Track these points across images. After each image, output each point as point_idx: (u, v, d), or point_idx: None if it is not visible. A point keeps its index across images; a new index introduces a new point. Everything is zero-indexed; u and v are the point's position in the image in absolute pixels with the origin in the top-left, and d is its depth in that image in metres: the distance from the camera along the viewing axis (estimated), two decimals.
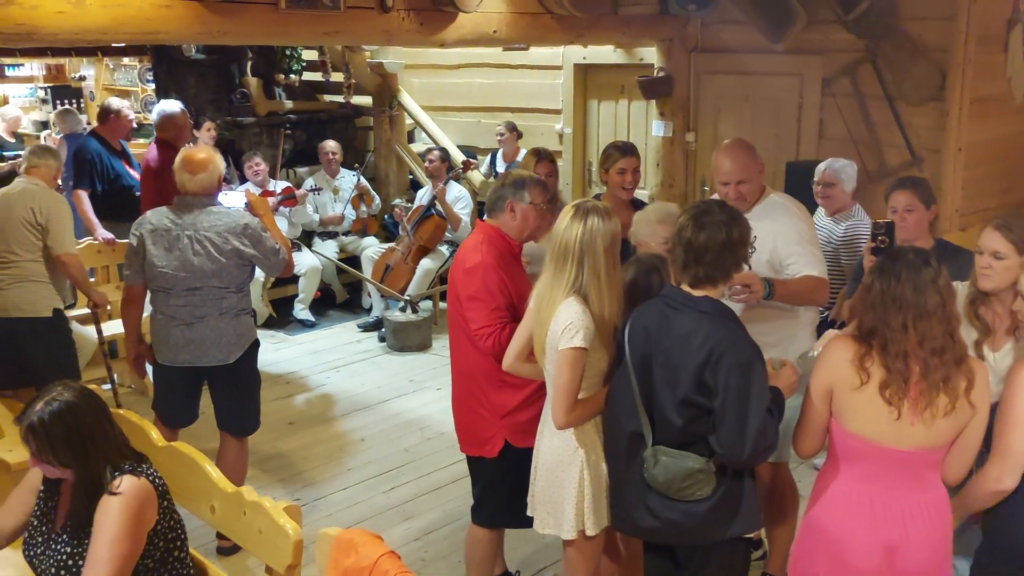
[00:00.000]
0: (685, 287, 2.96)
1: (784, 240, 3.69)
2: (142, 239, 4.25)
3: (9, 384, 4.94)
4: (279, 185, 7.96)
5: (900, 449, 2.71)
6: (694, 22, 7.10)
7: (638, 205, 4.67)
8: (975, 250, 3.27)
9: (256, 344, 4.51)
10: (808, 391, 2.88)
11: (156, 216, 4.29)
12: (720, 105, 7.32)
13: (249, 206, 4.58)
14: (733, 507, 2.95)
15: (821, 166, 5.32)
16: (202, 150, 4.43)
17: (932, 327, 2.64)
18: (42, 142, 8.74)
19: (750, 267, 3.64)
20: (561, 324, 3.11)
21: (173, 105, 6.44)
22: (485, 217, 3.78)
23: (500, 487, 3.72)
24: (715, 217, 2.91)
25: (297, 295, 8.06)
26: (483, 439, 3.70)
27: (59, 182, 5.25)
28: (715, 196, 3.81)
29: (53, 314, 4.91)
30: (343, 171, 8.54)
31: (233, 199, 5.70)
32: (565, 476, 3.22)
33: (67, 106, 10.83)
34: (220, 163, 4.41)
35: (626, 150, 4.69)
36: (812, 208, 4.80)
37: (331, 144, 8.45)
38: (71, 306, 5.42)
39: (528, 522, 3.83)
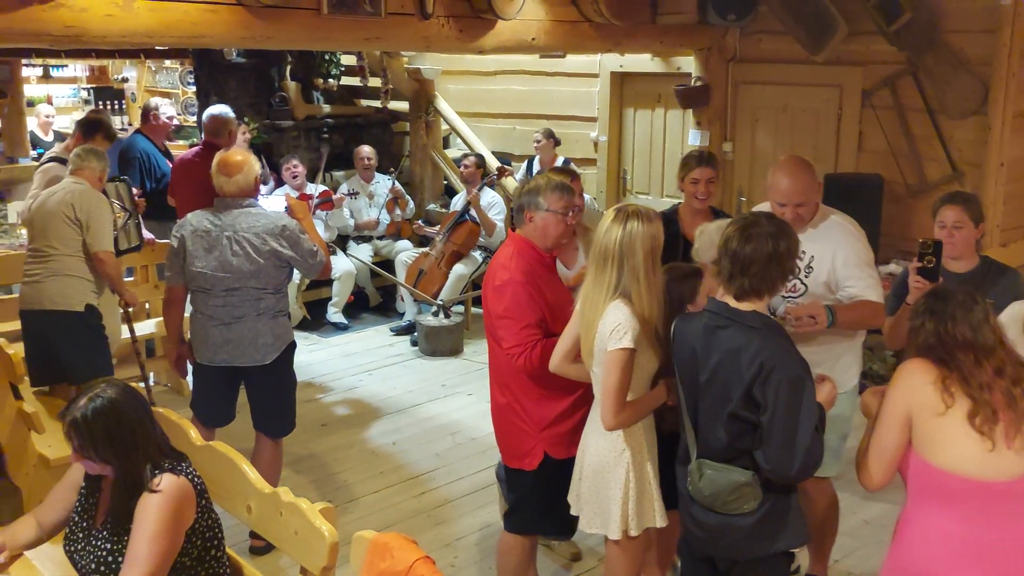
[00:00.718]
0: (730, 300, 2.93)
1: (844, 262, 3.64)
2: (183, 240, 4.31)
3: (46, 379, 4.99)
4: (317, 188, 8.02)
5: (999, 481, 2.57)
6: (733, 32, 7.08)
7: (719, 214, 4.56)
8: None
9: (293, 346, 4.55)
10: (881, 417, 2.74)
11: (197, 218, 4.35)
12: (758, 115, 7.30)
13: (289, 210, 4.63)
14: (779, 521, 2.94)
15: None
16: (237, 152, 4.47)
17: (1000, 359, 2.61)
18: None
19: (804, 284, 3.67)
20: (609, 326, 3.12)
21: (225, 109, 6.47)
22: (514, 228, 3.76)
23: (537, 497, 3.70)
24: (762, 229, 2.88)
25: (331, 298, 8.12)
26: (523, 452, 3.66)
27: (103, 183, 5.28)
28: (764, 207, 3.77)
29: (85, 309, 4.93)
30: (378, 176, 8.59)
31: (273, 203, 5.75)
32: (611, 477, 3.24)
33: (98, 108, 10.92)
34: (255, 165, 4.45)
35: (702, 160, 4.55)
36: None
37: (366, 149, 8.51)
38: None
39: (561, 531, 3.85)
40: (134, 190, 5.97)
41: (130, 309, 5.66)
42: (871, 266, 3.74)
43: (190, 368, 4.63)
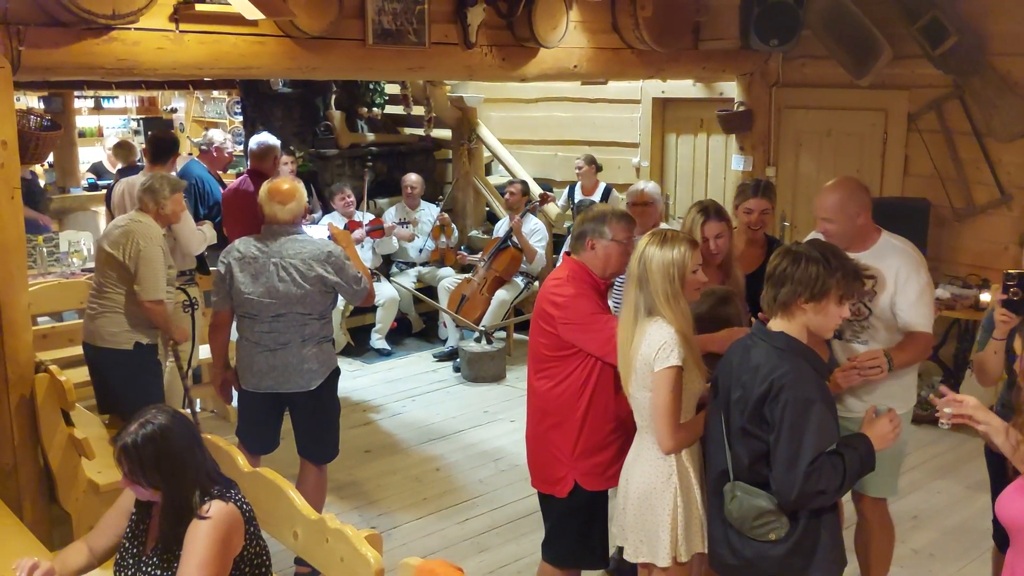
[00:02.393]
0: (771, 322, 2.97)
1: (903, 292, 3.62)
2: (230, 267, 4.36)
3: (103, 409, 5.06)
4: (366, 216, 8.11)
5: None
6: (775, 57, 7.07)
7: (774, 243, 4.49)
8: None
9: (337, 372, 4.57)
10: None
11: (244, 244, 4.40)
12: (801, 140, 7.26)
13: (332, 238, 4.68)
14: (808, 554, 2.91)
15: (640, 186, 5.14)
16: (286, 181, 4.51)
17: None
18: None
19: (868, 308, 3.65)
20: (655, 345, 3.11)
21: (270, 137, 6.56)
22: (568, 252, 3.75)
23: (569, 527, 3.69)
24: (802, 251, 2.92)
25: (375, 324, 8.17)
26: (555, 478, 3.65)
27: (177, 214, 5.20)
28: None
29: (134, 348, 4.90)
30: (423, 203, 8.66)
31: (317, 231, 5.81)
32: (659, 503, 3.21)
33: (124, 138, 11.08)
34: (304, 192, 4.52)
35: (758, 190, 4.47)
36: None
37: (413, 177, 8.58)
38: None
39: (598, 563, 3.82)
40: None
41: (179, 346, 5.64)
42: (928, 294, 3.69)
43: (235, 394, 4.68)
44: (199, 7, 4.37)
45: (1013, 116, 5.90)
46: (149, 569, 2.80)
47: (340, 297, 4.58)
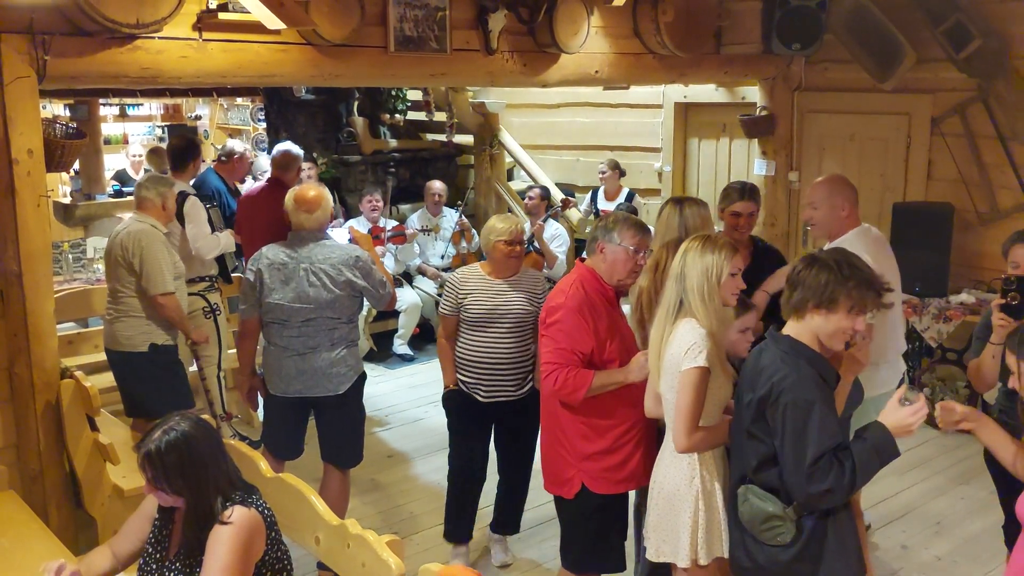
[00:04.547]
0: (787, 326, 2.99)
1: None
2: (260, 274, 4.39)
3: (130, 412, 5.11)
4: (388, 223, 8.13)
5: None
6: (798, 61, 7.03)
7: (759, 244, 4.57)
8: None
9: (363, 377, 4.61)
10: None
11: (272, 251, 4.44)
12: (824, 144, 7.23)
13: (353, 241, 4.72)
14: (815, 560, 2.91)
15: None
16: (312, 187, 4.55)
17: None
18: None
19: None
20: (684, 345, 3.14)
21: (293, 146, 6.59)
22: (584, 256, 3.78)
23: (581, 531, 3.70)
24: (821, 256, 2.95)
25: (397, 330, 8.19)
26: (563, 479, 3.70)
27: (171, 210, 5.24)
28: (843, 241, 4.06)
29: (149, 349, 4.94)
30: (445, 209, 8.68)
31: (338, 235, 5.83)
32: (681, 505, 3.24)
33: (158, 144, 11.12)
34: (330, 198, 4.57)
35: (744, 193, 4.50)
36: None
37: (438, 185, 8.58)
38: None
39: (613, 568, 3.82)
40: None
41: (197, 347, 5.66)
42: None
43: (261, 401, 4.71)
44: (222, 16, 4.40)
45: None
46: (172, 574, 2.82)
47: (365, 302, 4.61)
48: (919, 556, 4.39)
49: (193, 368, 5.81)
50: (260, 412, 5.12)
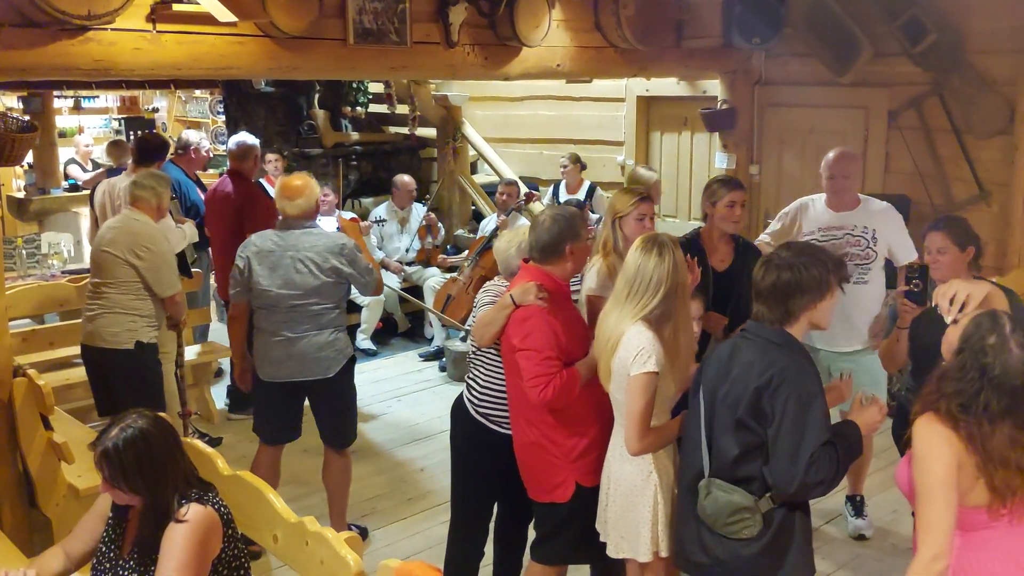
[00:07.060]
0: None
1: (898, 234, 4.73)
2: (248, 261, 4.49)
3: (104, 411, 5.03)
4: (346, 215, 8.08)
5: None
6: (758, 55, 7.08)
7: (740, 241, 4.53)
8: None
9: (353, 359, 4.72)
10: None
11: (260, 239, 4.54)
12: (784, 138, 7.28)
13: (341, 230, 4.75)
14: (779, 554, 2.92)
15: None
16: (298, 177, 4.62)
17: None
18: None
19: (875, 251, 4.59)
20: (633, 349, 3.14)
21: (251, 138, 6.55)
22: (530, 260, 3.67)
23: (570, 529, 3.64)
24: (789, 257, 2.94)
25: (360, 324, 8.14)
26: (554, 484, 3.60)
27: (165, 211, 5.21)
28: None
29: (135, 347, 4.89)
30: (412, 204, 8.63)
31: (326, 224, 5.82)
32: (640, 500, 3.24)
33: (118, 137, 11.00)
34: (316, 188, 4.65)
35: (733, 184, 4.49)
36: None
37: (406, 178, 8.50)
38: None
39: (589, 558, 3.81)
40: None
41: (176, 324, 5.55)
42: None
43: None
44: (176, 7, 4.33)
45: (991, 113, 5.91)
46: (126, 573, 2.79)
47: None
48: (879, 542, 4.45)
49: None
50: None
